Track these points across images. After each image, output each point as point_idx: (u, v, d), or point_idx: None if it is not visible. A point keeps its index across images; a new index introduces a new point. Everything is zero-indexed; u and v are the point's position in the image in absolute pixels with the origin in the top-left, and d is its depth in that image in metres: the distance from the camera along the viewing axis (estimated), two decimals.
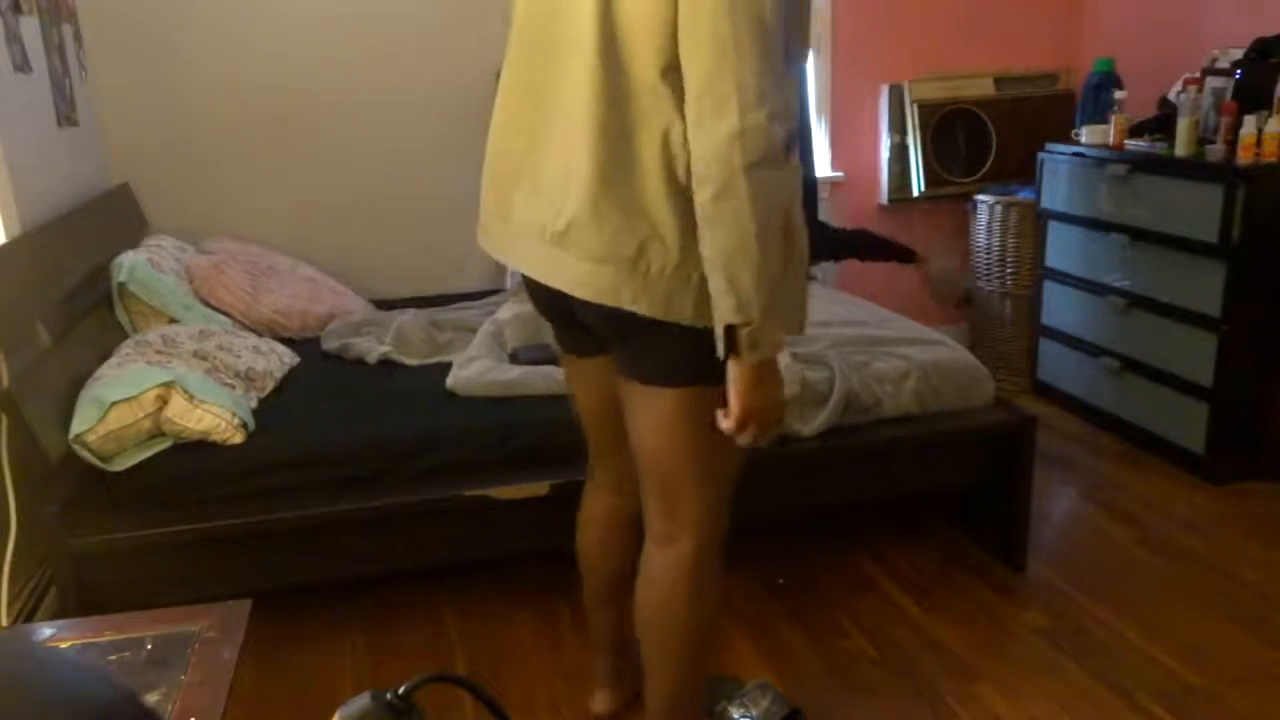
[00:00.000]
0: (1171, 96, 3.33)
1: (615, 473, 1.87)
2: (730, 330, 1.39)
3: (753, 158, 1.31)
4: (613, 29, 1.40)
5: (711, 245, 1.37)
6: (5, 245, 2.28)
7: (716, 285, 1.38)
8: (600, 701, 2.11)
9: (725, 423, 1.48)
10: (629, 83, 1.40)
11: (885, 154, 4.02)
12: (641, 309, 1.45)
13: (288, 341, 2.92)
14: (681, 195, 1.41)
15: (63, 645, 1.27)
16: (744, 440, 1.50)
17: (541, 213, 1.51)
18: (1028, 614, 2.43)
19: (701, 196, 1.37)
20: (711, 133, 1.33)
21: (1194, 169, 3.01)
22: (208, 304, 2.94)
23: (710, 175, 1.34)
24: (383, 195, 3.55)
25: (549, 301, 1.63)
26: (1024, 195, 3.74)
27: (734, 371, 1.44)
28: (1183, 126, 3.08)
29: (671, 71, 1.38)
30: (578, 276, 1.48)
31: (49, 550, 2.07)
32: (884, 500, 2.73)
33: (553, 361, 2.50)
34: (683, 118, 1.38)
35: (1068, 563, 2.65)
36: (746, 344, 1.39)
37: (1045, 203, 3.61)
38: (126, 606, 1.39)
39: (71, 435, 2.09)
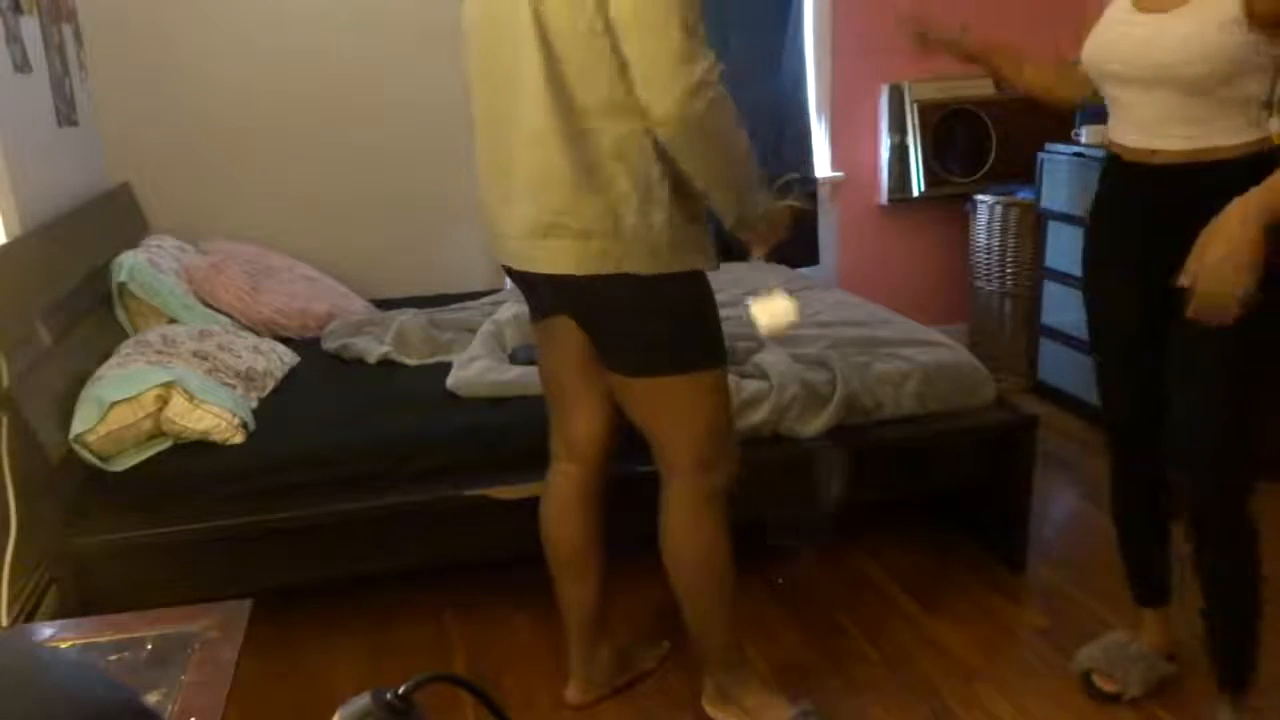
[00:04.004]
0: None
1: (571, 438, 1.99)
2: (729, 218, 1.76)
3: (708, 100, 1.59)
4: (557, 69, 1.64)
5: (704, 176, 1.68)
6: (5, 245, 2.28)
7: (721, 198, 1.73)
8: (571, 691, 2.13)
9: (758, 251, 1.88)
10: (576, 103, 1.65)
11: (885, 154, 4.02)
12: (639, 269, 1.70)
13: (287, 341, 2.92)
14: (636, 175, 1.67)
15: (63, 645, 1.27)
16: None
17: (524, 217, 1.74)
18: (1028, 614, 2.43)
19: (677, 147, 1.64)
20: (668, 93, 1.58)
21: None
22: (207, 304, 2.94)
23: (679, 129, 1.61)
24: (383, 195, 3.55)
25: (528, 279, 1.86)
26: (1024, 195, 3.74)
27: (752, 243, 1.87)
28: None
29: (613, 103, 1.63)
30: (572, 258, 1.71)
31: (49, 550, 2.07)
32: (884, 500, 2.73)
33: None
34: (625, 125, 1.64)
35: (1068, 563, 2.65)
36: (751, 222, 1.79)
37: (1045, 203, 3.60)
38: (126, 606, 1.39)
39: (72, 435, 2.09)
